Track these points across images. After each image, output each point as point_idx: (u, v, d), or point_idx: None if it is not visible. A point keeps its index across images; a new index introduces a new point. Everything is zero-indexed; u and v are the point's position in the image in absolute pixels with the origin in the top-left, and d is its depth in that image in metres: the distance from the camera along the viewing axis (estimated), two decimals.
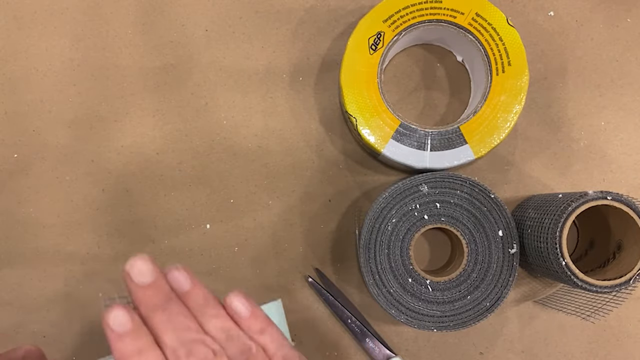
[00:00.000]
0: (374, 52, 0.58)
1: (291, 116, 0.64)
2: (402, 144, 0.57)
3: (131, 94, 0.64)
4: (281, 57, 0.64)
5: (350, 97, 0.58)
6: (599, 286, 0.50)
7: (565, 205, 0.50)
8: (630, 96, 0.64)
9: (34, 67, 0.64)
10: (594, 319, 0.55)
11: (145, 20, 0.64)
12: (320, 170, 0.64)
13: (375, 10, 0.58)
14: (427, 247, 0.64)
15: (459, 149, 0.57)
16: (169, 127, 0.64)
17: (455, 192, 0.57)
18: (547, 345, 0.63)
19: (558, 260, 0.50)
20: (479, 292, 0.57)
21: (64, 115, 0.64)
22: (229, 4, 0.64)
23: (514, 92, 0.57)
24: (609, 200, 0.50)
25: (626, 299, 0.53)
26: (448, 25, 0.58)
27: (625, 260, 0.52)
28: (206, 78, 0.64)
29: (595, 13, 0.64)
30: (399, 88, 0.64)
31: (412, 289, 0.57)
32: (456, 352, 0.63)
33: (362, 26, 0.58)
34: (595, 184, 0.64)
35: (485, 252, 0.57)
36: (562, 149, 0.64)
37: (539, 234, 0.52)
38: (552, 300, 0.61)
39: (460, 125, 0.57)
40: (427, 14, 0.58)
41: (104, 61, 0.64)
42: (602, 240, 0.57)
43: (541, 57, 0.64)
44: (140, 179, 0.64)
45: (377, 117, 0.57)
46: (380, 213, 0.57)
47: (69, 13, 0.64)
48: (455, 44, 0.62)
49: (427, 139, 0.57)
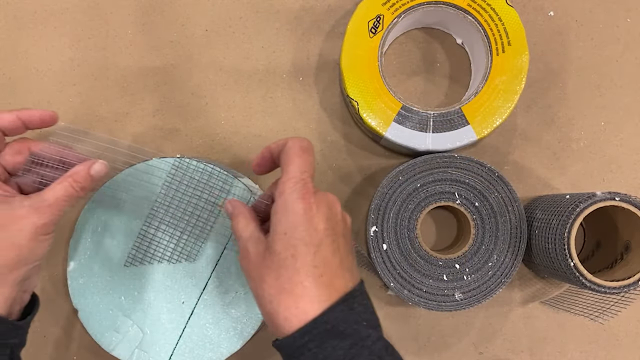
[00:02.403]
0: (373, 35, 0.55)
1: (291, 116, 0.61)
2: (404, 127, 0.55)
3: (131, 94, 0.61)
4: (281, 57, 0.61)
5: (351, 81, 0.55)
6: (608, 287, 0.47)
7: (573, 206, 0.47)
8: (630, 96, 0.61)
9: (34, 67, 0.61)
10: (602, 320, 0.51)
11: (145, 20, 0.61)
12: (320, 171, 0.60)
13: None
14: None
15: (461, 129, 0.55)
16: (169, 127, 0.60)
17: (452, 169, 0.54)
18: (547, 345, 0.60)
19: (566, 261, 0.47)
20: (495, 258, 0.54)
21: (64, 115, 0.61)
22: (229, 4, 0.61)
23: (515, 72, 0.55)
24: (617, 201, 0.47)
25: (634, 299, 0.49)
26: (447, 7, 0.56)
27: (634, 261, 0.49)
28: (206, 78, 0.61)
29: (595, 13, 0.61)
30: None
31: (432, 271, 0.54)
32: (456, 352, 0.60)
33: (362, 9, 0.55)
34: (595, 184, 0.61)
35: (491, 221, 0.54)
36: (562, 149, 0.61)
37: (547, 235, 0.49)
38: (559, 301, 0.58)
39: (461, 106, 0.55)
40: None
41: (104, 61, 0.61)
42: (609, 241, 0.53)
43: (541, 57, 0.61)
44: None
45: (379, 100, 0.55)
46: (385, 195, 0.55)
47: (69, 13, 0.61)
48: (454, 26, 0.59)
49: (429, 120, 0.55)
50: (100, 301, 0.55)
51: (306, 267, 0.41)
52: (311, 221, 0.42)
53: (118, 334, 0.55)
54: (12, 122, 0.47)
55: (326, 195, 0.44)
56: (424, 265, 0.54)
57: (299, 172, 0.43)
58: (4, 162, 0.47)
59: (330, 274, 0.41)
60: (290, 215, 0.42)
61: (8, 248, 0.43)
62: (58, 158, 0.48)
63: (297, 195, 0.42)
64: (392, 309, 0.60)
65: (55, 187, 0.46)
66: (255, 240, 0.44)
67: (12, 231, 0.43)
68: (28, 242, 0.44)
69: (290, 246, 0.41)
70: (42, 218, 0.44)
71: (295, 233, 0.41)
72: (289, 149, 0.44)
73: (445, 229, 0.60)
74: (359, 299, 0.42)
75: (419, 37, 0.61)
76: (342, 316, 0.41)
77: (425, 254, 0.54)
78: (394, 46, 0.61)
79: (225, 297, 0.54)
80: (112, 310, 0.55)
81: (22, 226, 0.44)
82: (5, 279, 0.44)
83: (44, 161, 0.48)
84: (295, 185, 0.42)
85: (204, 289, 0.55)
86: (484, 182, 0.54)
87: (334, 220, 0.43)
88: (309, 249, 0.41)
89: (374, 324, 0.43)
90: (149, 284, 0.55)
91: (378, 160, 0.61)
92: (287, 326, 0.41)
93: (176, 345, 0.55)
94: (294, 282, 0.41)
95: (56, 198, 0.45)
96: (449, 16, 0.56)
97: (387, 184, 0.54)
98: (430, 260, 0.54)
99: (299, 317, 0.40)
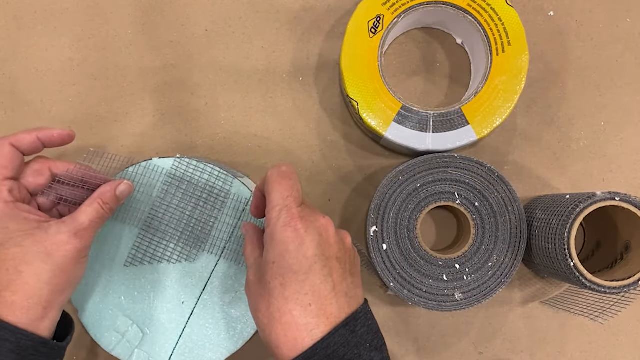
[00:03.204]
0: (373, 35, 0.55)
1: (291, 116, 0.60)
2: (404, 127, 0.55)
3: (131, 94, 0.60)
4: (281, 57, 0.61)
5: (351, 81, 0.55)
6: (608, 287, 0.47)
7: (573, 206, 0.47)
8: (630, 96, 0.61)
9: (34, 67, 0.61)
10: (602, 320, 0.51)
11: (145, 20, 0.61)
12: (320, 171, 0.60)
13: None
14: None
15: (461, 130, 0.54)
16: (169, 127, 0.60)
17: (452, 169, 0.54)
18: (547, 345, 0.60)
19: (566, 261, 0.46)
20: (495, 258, 0.54)
21: (64, 115, 0.61)
22: (229, 4, 0.61)
23: (515, 72, 0.55)
24: (617, 201, 0.47)
25: (634, 299, 0.49)
26: (447, 7, 0.55)
27: (634, 261, 0.48)
28: (206, 78, 0.60)
29: (595, 13, 0.61)
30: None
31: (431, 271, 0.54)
32: (456, 352, 0.60)
33: (362, 9, 0.55)
34: (595, 183, 0.61)
35: (491, 221, 0.54)
36: (562, 149, 0.60)
37: (547, 234, 0.49)
38: (560, 301, 0.58)
39: (461, 106, 0.55)
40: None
41: (104, 61, 0.61)
42: (609, 241, 0.53)
43: (541, 57, 0.61)
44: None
45: (379, 100, 0.55)
46: (385, 195, 0.54)
47: (69, 13, 0.61)
48: (454, 26, 0.59)
49: (429, 120, 0.54)
50: (100, 301, 0.55)
51: (295, 296, 0.41)
52: (299, 249, 0.41)
53: (118, 334, 0.55)
54: (32, 144, 0.48)
55: (317, 219, 0.43)
56: (424, 265, 0.54)
57: (281, 199, 0.43)
58: (26, 183, 0.48)
59: (320, 302, 0.41)
60: (278, 244, 0.42)
61: (58, 275, 0.45)
62: (80, 178, 0.49)
63: (282, 223, 0.42)
64: (392, 309, 0.60)
65: (87, 209, 0.47)
66: (256, 268, 0.44)
67: (58, 257, 0.44)
68: (74, 266, 0.45)
69: (279, 275, 0.41)
70: (82, 242, 0.46)
71: (283, 262, 0.41)
72: (268, 179, 0.44)
73: (445, 229, 0.60)
74: (362, 321, 0.42)
75: (419, 37, 0.61)
76: (343, 341, 0.40)
77: (425, 254, 0.54)
78: (394, 46, 0.60)
79: (225, 297, 0.54)
80: (112, 310, 0.55)
81: (67, 252, 0.45)
82: (55, 302, 0.45)
83: (65, 180, 0.49)
84: (280, 214, 0.42)
85: (203, 289, 0.55)
86: (484, 182, 0.54)
87: (325, 245, 0.42)
88: (297, 276, 0.41)
89: (377, 344, 0.42)
90: (149, 284, 0.55)
91: (378, 160, 0.60)
92: (281, 355, 0.41)
93: (176, 345, 0.54)
94: (283, 312, 0.41)
95: (90, 220, 0.46)
96: (449, 16, 0.56)
97: (387, 184, 0.54)
98: (430, 260, 0.54)
99: (288, 346, 0.40)
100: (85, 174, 0.49)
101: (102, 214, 0.47)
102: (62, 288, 0.45)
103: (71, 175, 0.49)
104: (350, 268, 0.44)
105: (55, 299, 0.45)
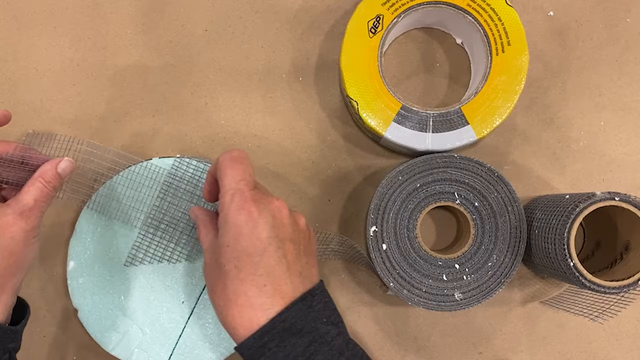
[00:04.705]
0: (373, 35, 0.55)
1: (291, 116, 0.60)
2: (404, 127, 0.55)
3: (131, 94, 0.60)
4: (281, 57, 0.61)
5: (350, 81, 0.55)
6: (607, 287, 0.47)
7: (572, 206, 0.47)
8: (630, 96, 0.61)
9: (34, 67, 0.61)
10: (602, 320, 0.51)
11: (145, 20, 0.61)
12: (320, 171, 0.60)
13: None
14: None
15: (461, 129, 0.54)
16: (169, 127, 0.60)
17: (451, 169, 0.54)
18: (547, 345, 0.60)
19: (566, 261, 0.46)
20: (495, 258, 0.54)
21: (64, 115, 0.60)
22: (228, 4, 0.61)
23: (514, 72, 0.55)
24: (616, 201, 0.47)
25: (634, 299, 0.49)
26: (447, 7, 0.55)
27: (633, 261, 0.48)
28: (206, 78, 0.60)
29: (595, 13, 0.61)
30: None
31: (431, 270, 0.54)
32: (456, 352, 0.60)
33: (361, 9, 0.55)
34: (595, 183, 0.61)
35: (491, 221, 0.54)
36: (562, 149, 0.61)
37: (547, 234, 0.49)
38: (559, 301, 0.58)
39: (461, 106, 0.55)
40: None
41: (104, 61, 0.61)
42: (609, 241, 0.53)
43: (541, 57, 0.61)
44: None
45: (378, 100, 0.55)
46: (384, 196, 0.54)
47: (68, 13, 0.61)
48: (454, 26, 0.59)
49: (429, 120, 0.54)
50: (100, 301, 0.55)
51: (249, 277, 0.41)
52: (253, 231, 0.41)
53: (118, 333, 0.55)
54: None
55: (270, 201, 0.43)
56: (423, 265, 0.54)
57: (233, 183, 0.43)
58: None
59: (275, 282, 0.41)
60: (231, 228, 0.42)
61: (6, 257, 0.44)
62: (20, 160, 0.48)
63: (235, 207, 0.42)
64: (392, 309, 0.60)
65: (29, 189, 0.46)
66: (211, 251, 0.44)
67: (5, 240, 0.44)
68: (22, 248, 0.45)
69: (234, 258, 0.41)
70: (29, 222, 0.45)
71: (237, 245, 0.41)
72: (220, 163, 0.44)
73: (445, 229, 0.60)
74: (319, 297, 0.43)
75: (419, 37, 0.61)
76: (300, 314, 0.41)
77: (424, 254, 0.54)
78: (394, 46, 0.60)
79: None
80: (112, 310, 0.55)
81: (13, 234, 0.44)
82: (6, 286, 0.45)
83: (5, 163, 0.48)
84: (233, 197, 0.42)
85: (203, 289, 0.55)
86: (483, 182, 0.54)
87: (279, 227, 0.42)
88: (252, 259, 0.41)
89: (334, 320, 0.43)
90: (149, 284, 0.55)
91: (378, 160, 0.60)
92: (237, 335, 0.41)
93: (176, 345, 0.54)
94: (238, 293, 0.41)
95: (35, 200, 0.46)
96: (448, 16, 0.56)
97: (387, 184, 0.54)
98: (430, 260, 0.54)
99: (244, 326, 0.41)
100: (25, 156, 0.49)
101: (47, 192, 0.47)
102: (12, 271, 0.45)
103: (11, 157, 0.48)
104: (304, 248, 0.44)
105: (5, 283, 0.44)
